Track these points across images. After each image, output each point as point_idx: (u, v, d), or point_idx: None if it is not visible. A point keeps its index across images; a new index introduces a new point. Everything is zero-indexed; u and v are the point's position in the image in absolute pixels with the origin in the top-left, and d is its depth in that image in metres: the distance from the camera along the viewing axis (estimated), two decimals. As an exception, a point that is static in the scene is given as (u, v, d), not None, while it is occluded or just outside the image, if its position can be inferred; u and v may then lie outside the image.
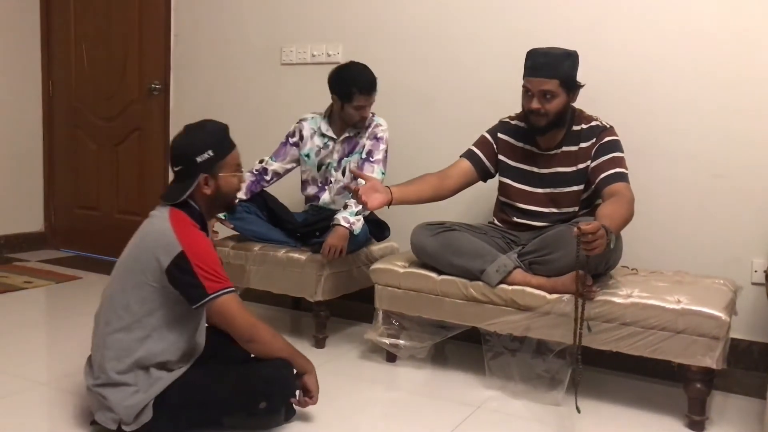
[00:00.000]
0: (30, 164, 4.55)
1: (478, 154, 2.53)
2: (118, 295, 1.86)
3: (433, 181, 2.46)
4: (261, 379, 1.87)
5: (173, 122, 4.03)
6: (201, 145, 1.89)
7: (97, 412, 1.85)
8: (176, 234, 1.81)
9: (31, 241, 4.58)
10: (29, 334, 2.84)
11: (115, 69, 4.27)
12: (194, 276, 1.78)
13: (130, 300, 1.83)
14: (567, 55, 2.28)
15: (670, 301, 2.07)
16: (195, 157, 1.88)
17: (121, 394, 1.79)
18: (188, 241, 1.81)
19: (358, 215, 2.67)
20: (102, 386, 1.82)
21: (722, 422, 2.14)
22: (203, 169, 1.90)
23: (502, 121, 2.55)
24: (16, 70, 4.41)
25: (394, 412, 2.18)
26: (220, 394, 1.86)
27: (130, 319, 1.82)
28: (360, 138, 2.84)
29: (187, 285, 1.79)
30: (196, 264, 1.78)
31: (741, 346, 2.55)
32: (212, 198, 1.94)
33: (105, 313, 1.87)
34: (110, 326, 1.84)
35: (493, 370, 2.35)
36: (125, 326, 1.82)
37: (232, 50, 3.74)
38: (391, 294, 2.50)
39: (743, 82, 2.54)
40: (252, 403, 1.87)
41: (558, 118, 2.31)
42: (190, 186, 1.90)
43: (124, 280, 1.87)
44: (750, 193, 2.55)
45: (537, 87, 2.28)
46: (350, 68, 2.78)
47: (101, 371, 1.83)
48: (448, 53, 3.10)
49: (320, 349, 2.71)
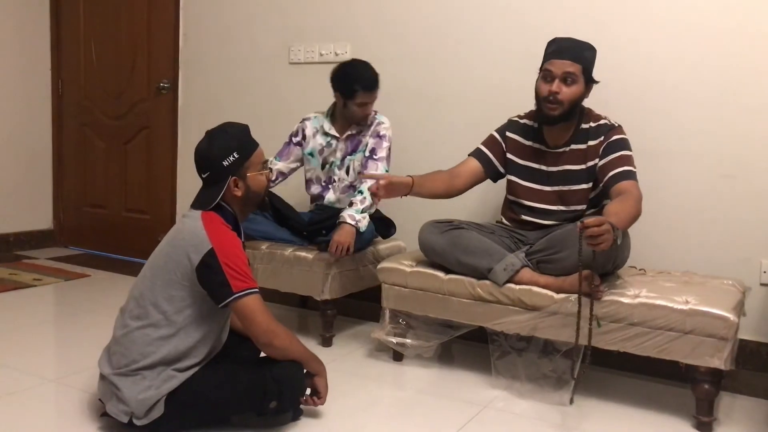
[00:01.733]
0: (39, 162, 4.58)
1: (486, 154, 2.53)
2: (148, 292, 1.87)
3: (445, 178, 2.49)
4: (272, 379, 1.87)
5: (181, 121, 4.05)
6: (226, 149, 1.91)
7: (108, 402, 1.86)
8: (207, 233, 1.83)
9: (40, 239, 4.61)
10: (38, 331, 2.85)
11: (123, 68, 4.29)
12: (222, 274, 1.79)
13: (159, 298, 1.85)
14: (590, 47, 2.32)
15: (678, 302, 2.06)
16: (221, 162, 1.90)
17: (136, 388, 1.80)
18: (218, 240, 1.83)
19: (363, 212, 2.67)
20: (119, 376, 1.83)
21: (730, 423, 2.13)
22: (231, 171, 1.91)
23: (511, 119, 2.55)
24: (26, 68, 4.43)
25: (400, 411, 2.18)
26: (231, 393, 1.87)
27: (158, 316, 1.84)
28: (363, 136, 2.84)
29: (214, 283, 1.81)
30: (225, 263, 1.80)
31: (749, 347, 2.54)
32: (243, 198, 1.96)
33: (133, 309, 1.89)
34: (139, 321, 1.86)
35: (499, 370, 2.35)
36: (153, 323, 1.84)
37: (240, 49, 3.75)
38: (397, 293, 2.50)
39: (753, 81, 2.53)
40: (262, 403, 1.88)
41: (571, 108, 2.31)
42: (221, 190, 1.91)
43: (154, 277, 1.88)
44: (759, 193, 2.54)
45: (561, 69, 2.28)
46: (353, 65, 2.78)
47: (123, 362, 1.84)
48: (455, 53, 3.10)
49: (327, 348, 2.71)
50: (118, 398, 1.82)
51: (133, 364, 1.82)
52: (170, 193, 4.14)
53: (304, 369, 1.96)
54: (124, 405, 1.81)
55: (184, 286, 1.84)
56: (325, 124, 2.88)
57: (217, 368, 1.90)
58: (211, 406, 1.87)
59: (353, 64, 2.80)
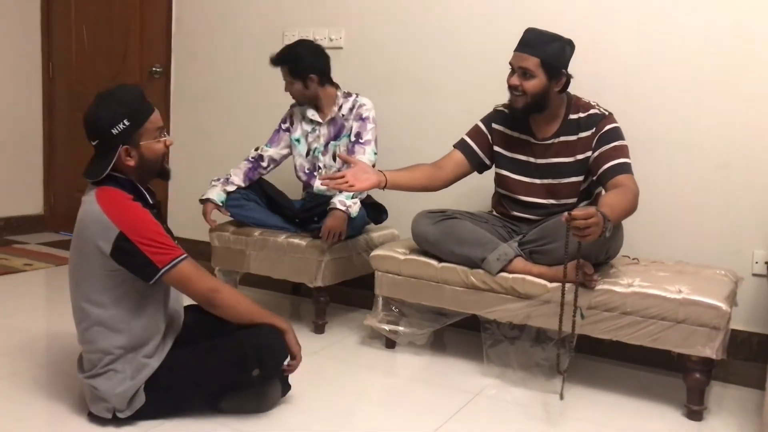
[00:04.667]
0: (30, 147, 4.54)
1: (471, 146, 2.50)
2: (78, 293, 1.83)
3: (427, 171, 2.45)
4: (251, 347, 1.82)
5: (174, 106, 4.01)
6: (114, 116, 1.77)
7: (90, 403, 1.85)
8: (109, 216, 1.73)
9: (31, 224, 4.57)
10: (28, 316, 2.84)
11: (115, 52, 4.24)
12: (141, 254, 1.72)
13: (91, 294, 1.79)
14: (556, 39, 2.26)
15: (671, 291, 2.07)
16: (110, 130, 1.77)
17: (111, 383, 1.78)
18: (124, 220, 1.73)
19: (354, 198, 2.65)
20: (91, 378, 1.81)
21: (720, 412, 2.14)
22: (121, 140, 1.78)
23: (496, 109, 2.52)
24: (16, 51, 4.38)
25: (392, 398, 2.18)
26: (211, 367, 1.85)
27: (98, 311, 1.79)
28: (345, 120, 2.82)
29: (137, 265, 1.74)
30: (139, 242, 1.71)
31: (741, 336, 2.55)
32: (138, 168, 1.84)
33: (75, 313, 1.86)
34: (84, 323, 1.82)
35: (491, 358, 2.35)
36: (98, 320, 1.79)
37: (233, 34, 3.72)
38: (391, 280, 2.49)
39: (748, 71, 2.52)
40: (245, 372, 1.84)
41: (536, 101, 2.28)
42: (111, 160, 1.78)
43: (77, 277, 1.82)
44: (753, 184, 2.54)
45: (517, 63, 2.27)
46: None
47: (89, 364, 1.83)
48: (451, 39, 3.08)
49: (320, 335, 2.71)
50: (97, 397, 1.81)
51: (99, 363, 1.80)
52: (161, 180, 4.09)
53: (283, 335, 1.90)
54: (105, 402, 1.80)
55: (107, 274, 1.76)
56: (309, 110, 2.86)
57: (195, 347, 1.87)
58: (193, 384, 1.85)
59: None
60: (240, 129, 3.71)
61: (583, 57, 2.38)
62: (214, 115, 3.84)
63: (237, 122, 3.74)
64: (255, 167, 2.90)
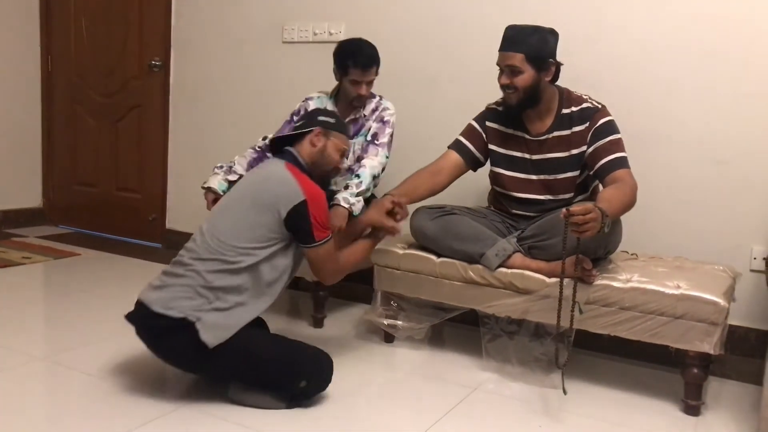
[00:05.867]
0: (29, 139, 4.53)
1: (467, 145, 2.50)
2: (231, 229, 1.94)
3: (426, 179, 2.47)
4: (309, 358, 1.99)
5: (173, 100, 4.01)
6: (327, 112, 2.23)
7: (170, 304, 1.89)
8: (300, 184, 1.96)
9: (30, 217, 4.57)
10: (27, 309, 2.84)
11: (115, 45, 4.23)
12: (309, 224, 1.95)
13: (243, 234, 1.93)
14: (534, 30, 2.25)
15: (669, 287, 2.07)
16: (318, 117, 2.16)
17: (215, 315, 1.88)
18: (310, 192, 1.96)
19: (358, 197, 2.65)
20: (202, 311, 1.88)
21: (718, 407, 2.15)
22: (322, 124, 2.13)
23: (489, 107, 2.51)
24: (14, 43, 4.37)
25: (390, 393, 2.19)
26: (272, 354, 1.95)
27: (238, 253, 1.92)
28: (366, 120, 2.81)
29: (299, 230, 1.96)
30: (314, 214, 1.95)
31: (738, 332, 2.55)
32: (315, 156, 2.11)
33: (213, 247, 1.93)
34: (218, 263, 1.92)
35: (490, 353, 2.35)
36: (232, 261, 1.91)
37: (233, 27, 3.71)
38: (390, 275, 2.49)
39: (747, 66, 2.52)
40: (295, 378, 1.94)
41: (528, 95, 2.28)
42: (305, 130, 2.12)
43: (237, 216, 1.97)
44: (751, 179, 2.54)
45: (503, 61, 2.28)
46: (351, 42, 2.74)
47: (196, 301, 1.89)
48: (452, 32, 3.08)
49: (318, 329, 2.71)
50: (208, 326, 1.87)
51: (212, 302, 1.90)
52: (161, 173, 4.10)
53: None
54: (198, 314, 1.87)
55: (270, 227, 1.94)
56: (329, 105, 2.84)
57: (264, 332, 2.11)
58: (253, 360, 1.92)
59: (352, 40, 2.76)
60: (239, 123, 3.71)
61: (580, 52, 2.38)
62: (213, 109, 3.84)
63: (236, 116, 3.74)
64: (261, 157, 2.88)
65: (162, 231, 4.10)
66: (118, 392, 2.00)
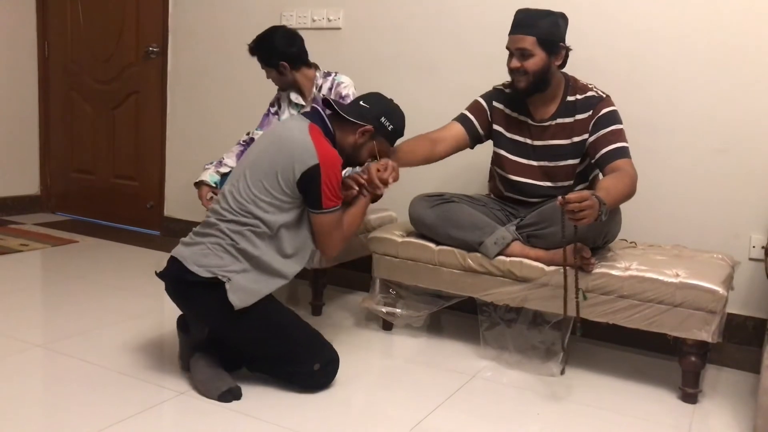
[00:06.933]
0: (26, 126, 4.51)
1: (472, 120, 2.48)
2: (249, 190, 1.95)
3: (425, 146, 2.42)
4: (328, 347, 2.03)
5: (170, 87, 3.98)
6: (393, 114, 2.15)
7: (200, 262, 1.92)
8: (316, 147, 1.93)
9: (27, 204, 4.56)
10: (25, 296, 2.83)
11: (111, 31, 4.20)
12: (318, 189, 1.93)
13: (261, 196, 1.94)
14: (547, 14, 2.24)
15: (668, 275, 2.07)
16: (380, 118, 2.10)
17: (244, 278, 1.92)
18: (325, 157, 1.93)
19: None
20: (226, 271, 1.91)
21: (715, 395, 2.15)
22: (376, 125, 2.09)
23: (496, 88, 2.50)
24: (10, 29, 4.34)
25: (389, 380, 2.19)
26: (292, 333, 1.99)
27: (256, 215, 1.93)
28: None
29: (310, 193, 1.95)
30: (325, 181, 1.93)
31: (736, 320, 2.56)
32: (349, 147, 2.10)
33: (235, 209, 1.95)
34: (239, 225, 1.94)
35: (488, 341, 2.36)
36: (253, 224, 1.93)
37: (231, 14, 3.68)
38: (388, 263, 2.49)
39: (747, 55, 2.51)
40: (309, 358, 1.98)
41: (539, 79, 2.26)
42: (359, 120, 2.07)
43: (255, 178, 1.96)
44: (751, 168, 2.53)
45: (513, 45, 2.26)
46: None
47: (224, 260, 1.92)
48: (449, 19, 3.05)
49: (317, 317, 2.71)
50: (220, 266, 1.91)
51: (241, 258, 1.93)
52: (159, 160, 4.09)
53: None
54: (225, 273, 1.89)
55: (285, 186, 1.94)
56: (292, 94, 2.84)
57: (291, 309, 2.08)
58: (277, 330, 1.96)
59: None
60: (237, 110, 3.69)
61: (582, 41, 2.36)
62: (210, 96, 3.82)
63: (234, 103, 3.72)
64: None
65: (160, 218, 4.09)
66: (116, 379, 2.00)
